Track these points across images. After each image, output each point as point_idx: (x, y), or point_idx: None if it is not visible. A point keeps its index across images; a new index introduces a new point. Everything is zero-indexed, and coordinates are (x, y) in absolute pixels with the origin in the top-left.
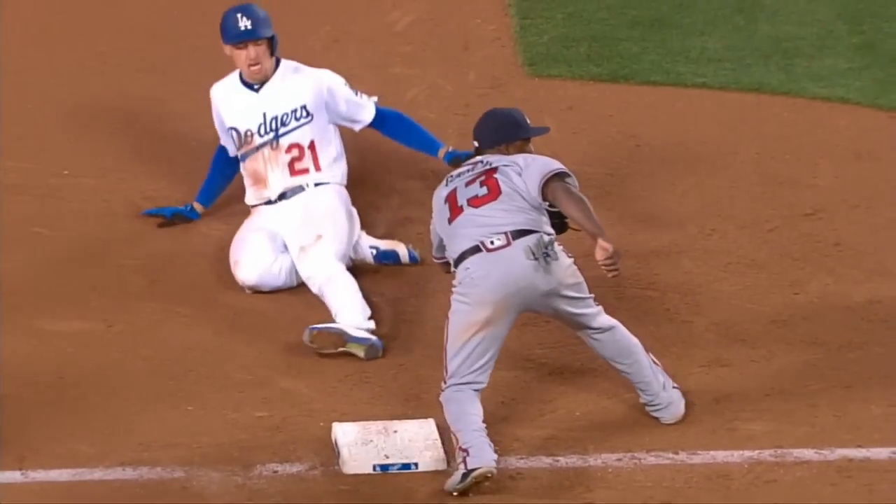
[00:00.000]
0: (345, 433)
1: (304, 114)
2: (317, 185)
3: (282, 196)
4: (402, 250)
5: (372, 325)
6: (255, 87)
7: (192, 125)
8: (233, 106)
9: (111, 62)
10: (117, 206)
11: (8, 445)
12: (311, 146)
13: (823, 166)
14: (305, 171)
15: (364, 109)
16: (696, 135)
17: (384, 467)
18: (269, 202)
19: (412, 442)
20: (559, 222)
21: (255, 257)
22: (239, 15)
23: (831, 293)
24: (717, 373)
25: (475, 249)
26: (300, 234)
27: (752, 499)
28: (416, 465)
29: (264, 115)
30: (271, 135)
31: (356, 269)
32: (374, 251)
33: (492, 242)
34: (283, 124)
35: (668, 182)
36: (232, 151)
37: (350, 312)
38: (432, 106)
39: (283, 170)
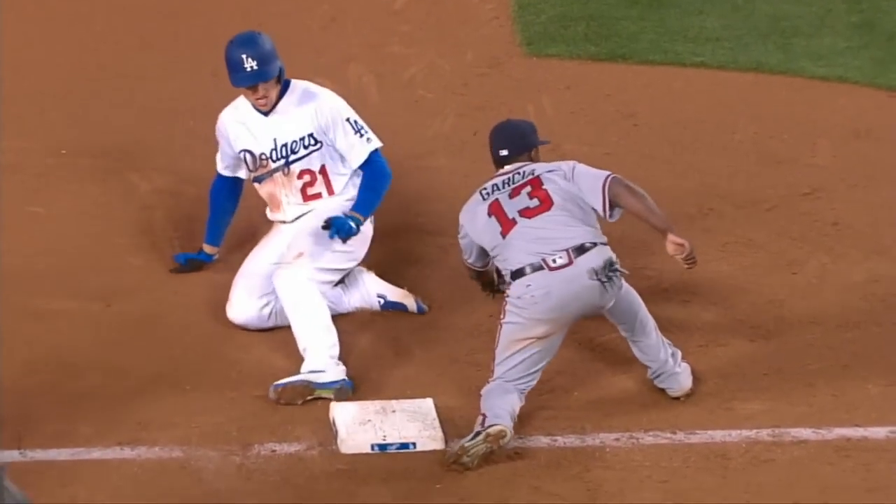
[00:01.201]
0: (343, 413)
1: (313, 141)
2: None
3: (297, 219)
4: (410, 302)
5: (336, 360)
6: (265, 112)
7: (190, 103)
8: (246, 129)
9: (109, 41)
10: (115, 186)
11: (6, 425)
12: (323, 171)
13: (822, 145)
14: (318, 195)
15: (355, 152)
16: (694, 114)
17: (382, 447)
18: (284, 222)
19: (410, 422)
20: (491, 284)
21: (242, 302)
22: (244, 56)
23: (829, 273)
24: (714, 353)
25: (537, 267)
26: (285, 250)
27: (750, 478)
28: (414, 444)
29: (275, 140)
30: (282, 161)
31: None
32: (382, 300)
33: (554, 261)
34: (293, 151)
35: (666, 161)
36: (244, 174)
37: (314, 354)
38: (430, 85)
39: (296, 195)
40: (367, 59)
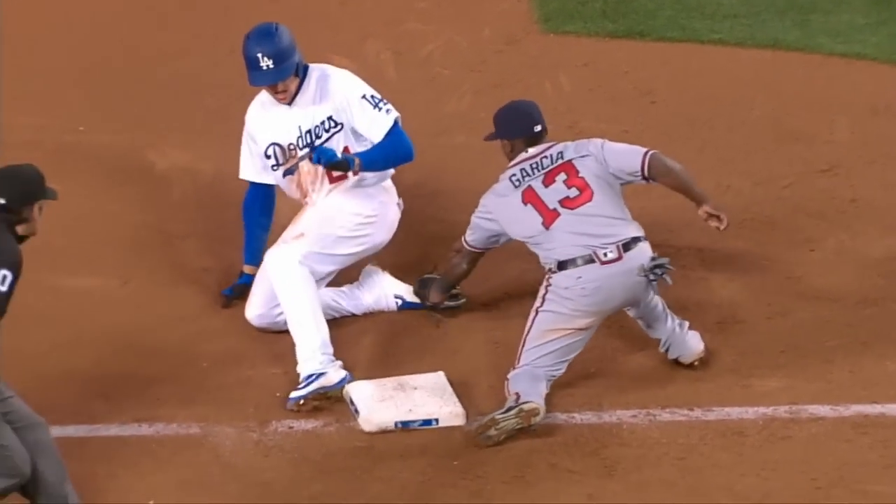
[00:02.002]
0: (360, 391)
1: (333, 124)
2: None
3: None
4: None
5: (331, 357)
6: (287, 103)
7: (208, 80)
8: (270, 122)
9: (127, 19)
10: (132, 163)
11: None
12: (346, 152)
13: (840, 122)
14: (343, 177)
15: (377, 126)
16: (711, 91)
17: (406, 423)
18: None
19: (430, 397)
20: (450, 288)
21: (259, 305)
22: (259, 55)
23: (847, 249)
24: (732, 329)
25: (588, 259)
26: (290, 228)
27: (767, 455)
28: (436, 420)
29: (300, 128)
30: (308, 148)
31: None
32: (400, 301)
33: (605, 255)
34: (318, 136)
35: (684, 138)
36: (264, 178)
37: (310, 353)
38: (447, 62)
39: (322, 180)
40: (385, 37)
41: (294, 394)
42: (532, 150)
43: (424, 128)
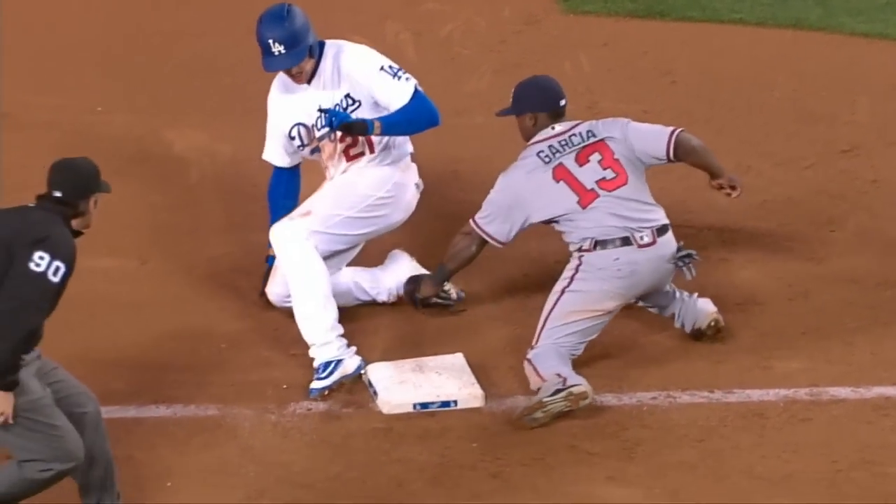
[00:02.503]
0: (379, 373)
1: (351, 101)
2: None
3: None
4: (452, 292)
5: (345, 343)
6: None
7: (227, 61)
8: (291, 103)
9: None
10: (150, 143)
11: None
12: None
13: (861, 103)
14: (360, 154)
15: (398, 94)
16: (732, 71)
17: (424, 405)
18: None
19: (448, 379)
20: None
21: (280, 283)
22: (270, 41)
23: (868, 230)
24: (752, 311)
25: (625, 241)
26: (302, 204)
27: (788, 437)
28: (455, 402)
29: (319, 107)
30: (328, 128)
31: None
32: None
33: (641, 238)
34: (334, 112)
35: (704, 119)
36: (288, 161)
37: (321, 337)
38: (467, 42)
39: (339, 157)
40: (404, 17)
41: (316, 385)
42: (559, 127)
43: (443, 108)
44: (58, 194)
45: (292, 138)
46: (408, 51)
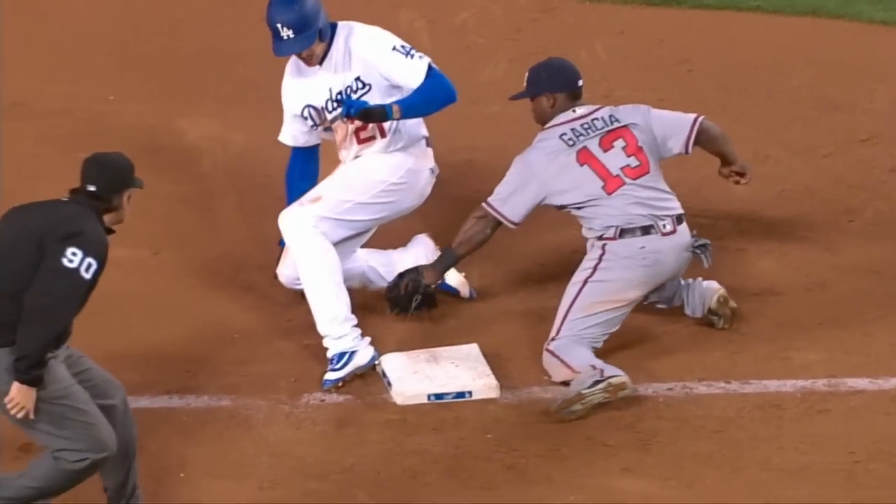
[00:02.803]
0: (392, 364)
1: (361, 84)
2: (395, 150)
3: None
4: (464, 290)
5: (359, 333)
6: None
7: (239, 49)
8: (303, 85)
9: None
10: (163, 132)
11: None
12: None
13: (880, 91)
14: (371, 139)
15: (413, 74)
16: (749, 59)
17: (438, 396)
18: None
19: (462, 370)
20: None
21: (291, 265)
22: (279, 25)
23: (887, 220)
24: (770, 301)
25: (650, 229)
26: (314, 189)
27: (806, 428)
28: (469, 393)
29: (330, 90)
30: (339, 109)
31: None
32: (441, 280)
33: (664, 226)
34: (348, 97)
35: (721, 108)
36: (303, 141)
37: (335, 329)
38: (482, 30)
39: (351, 140)
40: (418, 5)
41: (330, 376)
42: (580, 110)
43: (459, 96)
44: (91, 189)
45: (305, 118)
46: (422, 39)
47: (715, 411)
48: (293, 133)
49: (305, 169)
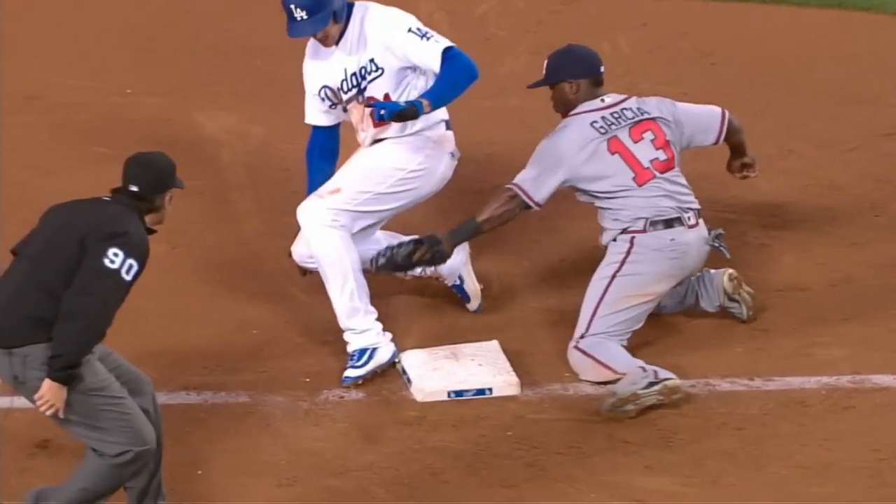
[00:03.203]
0: (412, 360)
1: (374, 67)
2: (410, 134)
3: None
4: (475, 302)
5: (381, 328)
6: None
7: (257, 42)
8: (320, 64)
9: None
10: (181, 126)
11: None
12: (387, 99)
13: None
14: (386, 122)
15: (429, 58)
16: (773, 52)
17: (458, 393)
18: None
19: (483, 366)
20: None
21: (302, 245)
22: (292, 6)
23: None
24: (793, 297)
25: (675, 222)
26: (332, 178)
27: (830, 426)
28: (490, 390)
29: (345, 70)
30: (354, 90)
31: None
32: (460, 281)
33: (689, 218)
34: (362, 78)
35: (745, 101)
36: (324, 120)
37: (355, 324)
38: (502, 22)
39: (367, 122)
40: None
41: (351, 373)
42: (609, 99)
43: (479, 90)
44: (134, 189)
45: (322, 99)
46: (442, 31)
47: (738, 408)
48: (314, 112)
49: (325, 147)
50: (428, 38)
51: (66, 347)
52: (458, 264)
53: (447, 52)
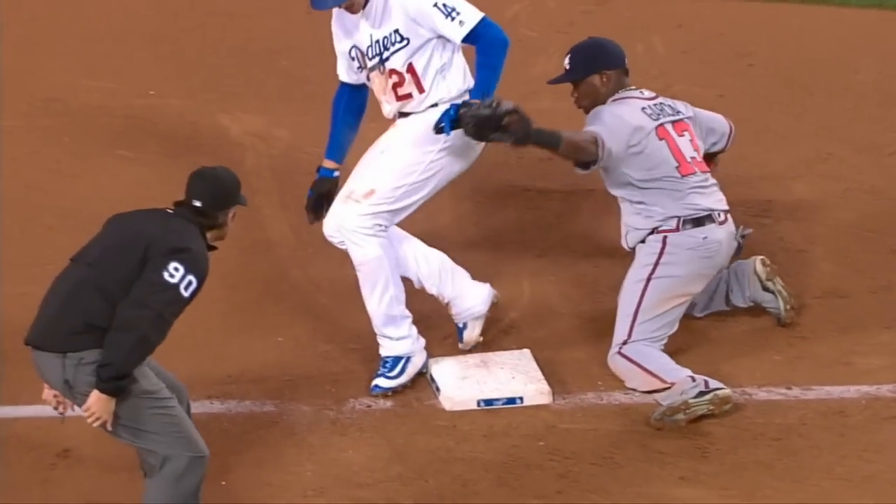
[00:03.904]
0: (442, 369)
1: (399, 38)
2: (432, 106)
3: (395, 119)
4: (466, 346)
5: (416, 334)
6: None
7: (283, 43)
8: (349, 27)
9: None
10: (204, 129)
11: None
12: (411, 69)
13: None
14: (409, 96)
15: (450, 30)
16: (812, 53)
17: (489, 402)
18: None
19: (514, 375)
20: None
21: (332, 225)
22: None
23: None
24: (833, 304)
25: (708, 219)
26: (357, 175)
27: (870, 436)
28: (521, 399)
29: (371, 36)
30: (377, 59)
31: None
32: (463, 326)
33: (719, 215)
34: (386, 48)
35: (783, 103)
36: (354, 78)
37: (391, 331)
38: (534, 24)
39: (390, 94)
40: None
41: (382, 383)
42: (647, 93)
43: (510, 91)
44: (197, 204)
45: (352, 59)
46: None
47: (775, 418)
48: (344, 69)
49: (351, 102)
50: (452, 18)
51: (117, 357)
52: (474, 311)
53: (475, 30)
